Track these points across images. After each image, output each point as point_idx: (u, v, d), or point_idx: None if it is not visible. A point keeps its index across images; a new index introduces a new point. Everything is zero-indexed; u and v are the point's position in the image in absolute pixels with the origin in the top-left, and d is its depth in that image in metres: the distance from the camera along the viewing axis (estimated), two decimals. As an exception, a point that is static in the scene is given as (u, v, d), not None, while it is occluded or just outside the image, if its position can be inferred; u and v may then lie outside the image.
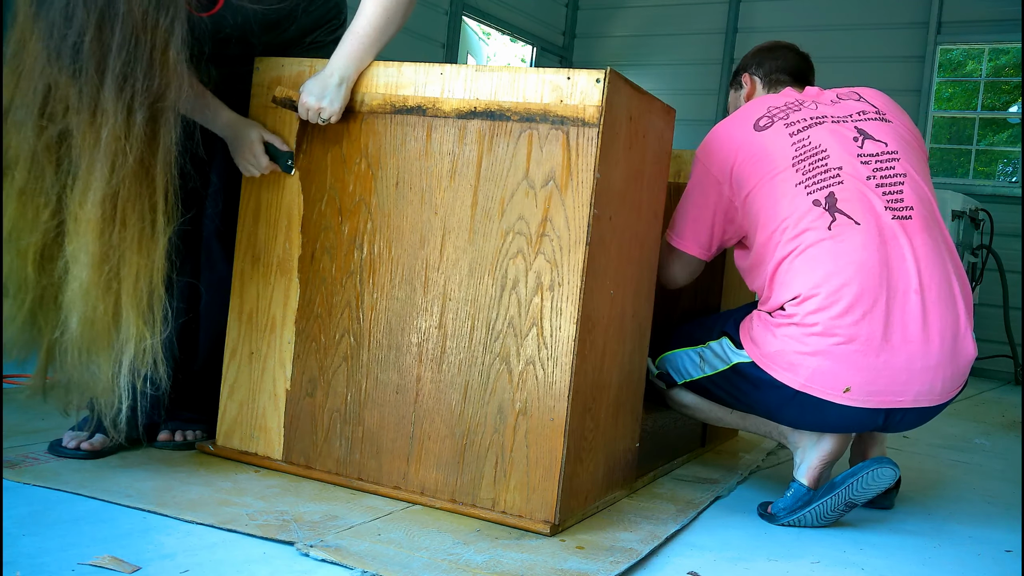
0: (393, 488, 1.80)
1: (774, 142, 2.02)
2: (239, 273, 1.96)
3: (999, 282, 5.61)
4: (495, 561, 1.49)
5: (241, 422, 1.95)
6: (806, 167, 1.97)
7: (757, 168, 2.01)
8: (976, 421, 3.78)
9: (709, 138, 2.14)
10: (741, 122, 2.10)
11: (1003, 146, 6.93)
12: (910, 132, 2.10)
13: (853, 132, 2.03)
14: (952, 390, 1.91)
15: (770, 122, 2.07)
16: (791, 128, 2.04)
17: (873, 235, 1.88)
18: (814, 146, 1.99)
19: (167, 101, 1.54)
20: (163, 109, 1.53)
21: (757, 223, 2.00)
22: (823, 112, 2.07)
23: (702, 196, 2.09)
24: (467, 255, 1.75)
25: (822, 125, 2.03)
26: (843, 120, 2.05)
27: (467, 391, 1.74)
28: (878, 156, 1.99)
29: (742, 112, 2.14)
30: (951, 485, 2.50)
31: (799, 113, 2.07)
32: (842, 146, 1.99)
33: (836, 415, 1.88)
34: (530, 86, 1.71)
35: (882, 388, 1.85)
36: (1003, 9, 6.02)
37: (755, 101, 2.18)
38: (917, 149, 2.08)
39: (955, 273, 1.92)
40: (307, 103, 1.82)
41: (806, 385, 1.86)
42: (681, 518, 1.85)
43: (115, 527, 1.49)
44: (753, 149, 2.03)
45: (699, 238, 2.12)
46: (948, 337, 1.86)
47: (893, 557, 1.78)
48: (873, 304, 1.83)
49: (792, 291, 1.89)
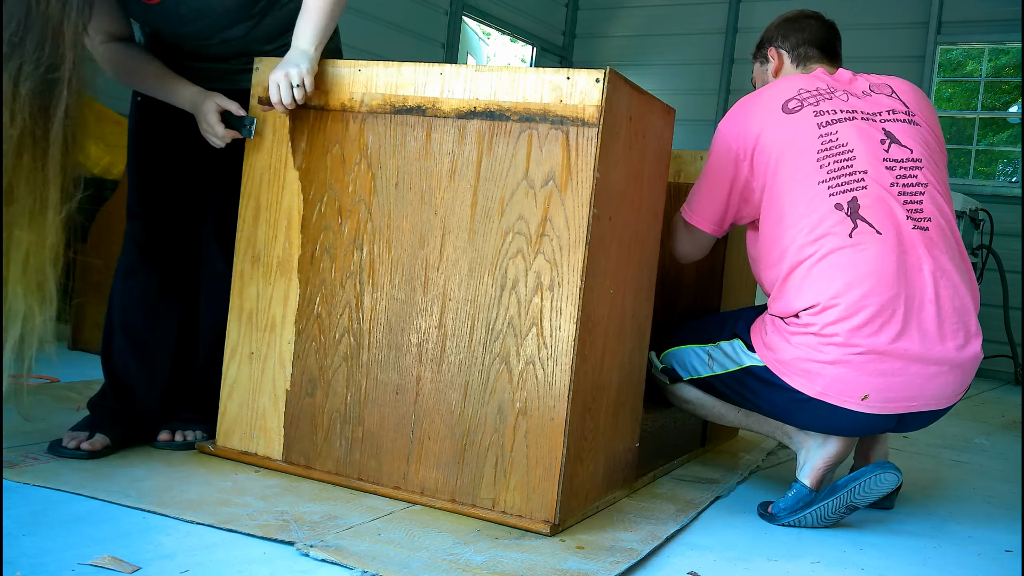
0: (393, 488, 1.80)
1: (801, 129, 1.98)
2: (239, 273, 1.96)
3: (999, 282, 5.61)
4: (495, 561, 1.49)
5: (241, 422, 1.95)
6: (831, 165, 1.93)
7: (781, 153, 1.97)
8: (976, 421, 3.78)
9: (734, 112, 2.09)
10: (770, 100, 2.05)
11: (1003, 146, 6.93)
12: (934, 135, 2.07)
13: (881, 134, 1.99)
14: (961, 392, 1.94)
15: (799, 106, 2.01)
16: (820, 118, 1.99)
17: (893, 245, 1.86)
18: (841, 143, 1.95)
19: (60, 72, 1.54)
20: (55, 80, 1.53)
21: (774, 213, 1.97)
22: (853, 106, 2.02)
23: (720, 171, 2.05)
24: (467, 255, 1.75)
25: (852, 121, 1.99)
26: (872, 118, 2.01)
27: (467, 391, 1.74)
28: (903, 163, 1.96)
29: (772, 90, 2.08)
30: (951, 485, 2.49)
31: (830, 103, 2.02)
32: (869, 148, 1.95)
33: (850, 420, 1.88)
34: (530, 86, 1.71)
35: (897, 395, 1.86)
36: (1003, 9, 6.02)
37: (786, 80, 2.11)
38: (939, 154, 2.05)
39: (967, 282, 1.92)
40: (274, 77, 1.83)
41: (823, 393, 1.86)
42: (681, 518, 1.85)
43: (115, 527, 1.49)
44: (779, 131, 1.99)
45: (712, 214, 2.09)
46: (960, 344, 1.88)
47: (893, 557, 1.78)
48: (892, 315, 1.83)
49: (809, 299, 1.87)
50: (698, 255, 2.21)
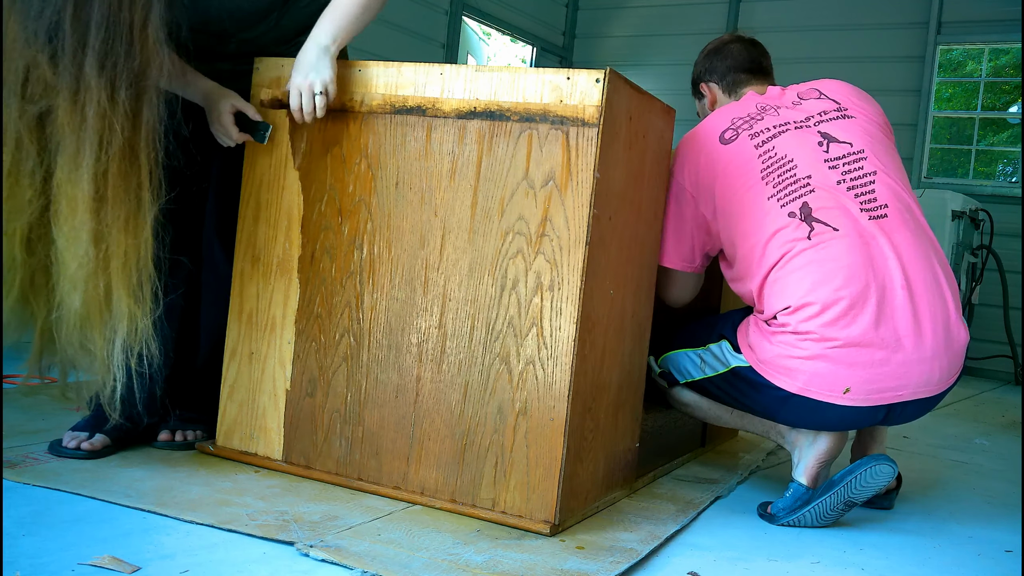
0: (393, 488, 1.80)
1: (740, 155, 2.02)
2: (239, 273, 1.96)
3: (999, 282, 5.61)
4: (495, 561, 1.49)
5: (241, 422, 1.95)
6: (775, 179, 1.97)
7: (726, 183, 2.01)
8: (976, 421, 3.78)
9: (678, 151, 2.13)
10: (706, 136, 2.10)
11: (1003, 146, 6.93)
12: (874, 123, 2.09)
13: (817, 136, 2.02)
14: (950, 378, 1.92)
15: (735, 135, 2.06)
16: (756, 139, 2.04)
17: (854, 239, 1.88)
18: (780, 156, 1.99)
19: (149, 79, 1.54)
20: (145, 87, 1.54)
21: (734, 238, 2.00)
22: (785, 118, 2.07)
23: (677, 209, 2.09)
24: (467, 255, 1.75)
25: (785, 133, 2.03)
26: (805, 125, 2.05)
27: (467, 391, 1.74)
28: (844, 158, 1.99)
29: (707, 125, 2.13)
30: (951, 485, 2.49)
31: (762, 123, 2.07)
32: (808, 153, 1.99)
33: (836, 415, 1.88)
34: (530, 86, 1.71)
35: (881, 386, 1.85)
36: (1003, 9, 6.02)
37: (718, 113, 2.16)
38: (884, 140, 2.07)
39: (939, 263, 1.93)
40: (296, 82, 1.81)
41: (804, 388, 1.87)
42: (681, 518, 1.85)
43: (115, 527, 1.49)
44: (720, 164, 2.03)
45: (681, 252, 2.12)
46: (940, 327, 1.87)
47: (893, 557, 1.78)
48: (864, 306, 1.84)
49: (783, 302, 1.89)
50: (689, 296, 2.23)
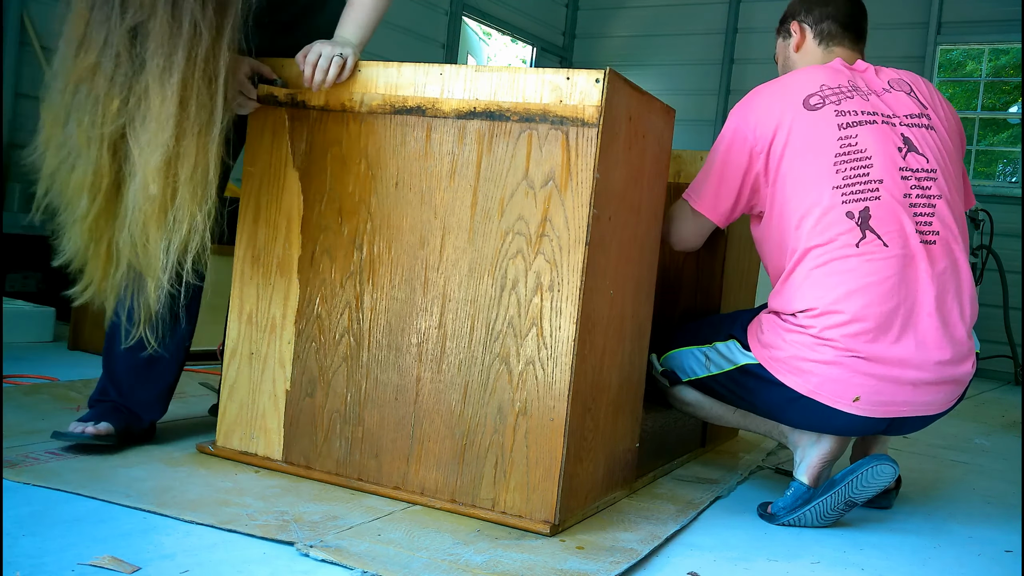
0: (393, 488, 1.80)
1: (820, 129, 1.94)
2: (239, 273, 1.96)
3: (999, 282, 5.61)
4: (495, 561, 1.49)
5: (241, 422, 1.95)
6: (847, 171, 1.91)
7: (798, 151, 1.94)
8: (976, 421, 3.78)
9: (753, 99, 2.04)
10: (791, 93, 2.00)
11: (1003, 146, 6.93)
12: (951, 134, 2.04)
13: (899, 140, 1.95)
14: (953, 400, 1.95)
15: (821, 103, 1.97)
16: (841, 119, 1.95)
17: (899, 258, 1.86)
18: (860, 148, 1.92)
19: None
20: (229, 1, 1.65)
21: (785, 208, 1.94)
22: (874, 107, 1.98)
23: (732, 159, 2.00)
24: (467, 255, 1.75)
25: (872, 125, 1.95)
26: (891, 121, 1.98)
27: (467, 391, 1.74)
28: (917, 172, 1.94)
29: (794, 82, 2.03)
30: (951, 485, 2.50)
31: (851, 102, 1.98)
32: (886, 156, 1.92)
33: (842, 421, 1.89)
34: (530, 86, 1.71)
35: (889, 400, 1.86)
36: (1003, 9, 6.02)
37: (808, 72, 2.05)
38: (955, 157, 2.03)
39: (969, 296, 1.93)
40: (320, 47, 1.83)
41: (814, 391, 1.87)
42: (681, 518, 1.85)
43: (115, 527, 1.49)
44: (799, 129, 1.95)
45: (722, 203, 2.04)
46: (955, 357, 1.89)
47: (893, 557, 1.78)
48: (890, 326, 1.84)
49: (809, 301, 1.87)
50: (698, 244, 2.18)
